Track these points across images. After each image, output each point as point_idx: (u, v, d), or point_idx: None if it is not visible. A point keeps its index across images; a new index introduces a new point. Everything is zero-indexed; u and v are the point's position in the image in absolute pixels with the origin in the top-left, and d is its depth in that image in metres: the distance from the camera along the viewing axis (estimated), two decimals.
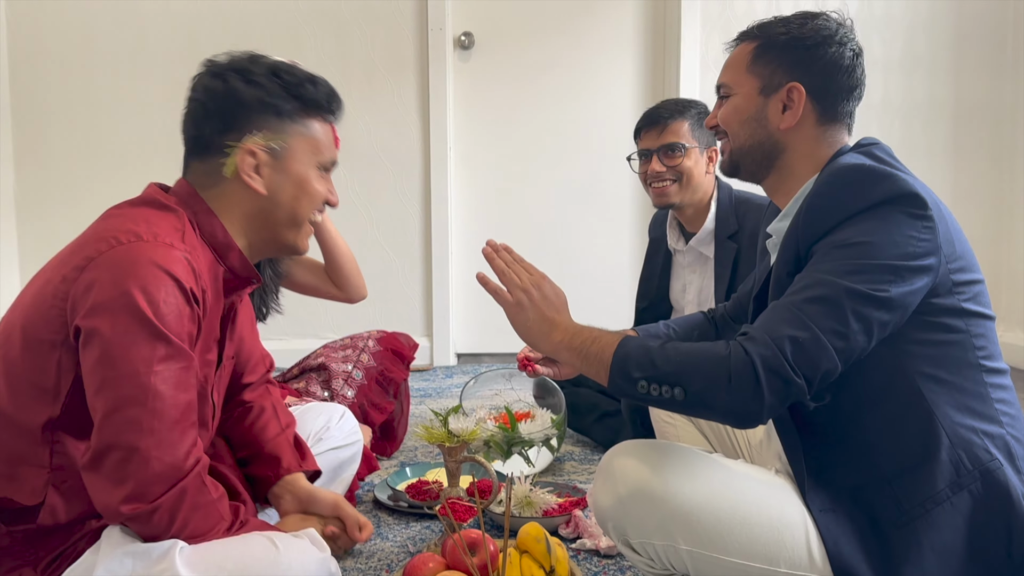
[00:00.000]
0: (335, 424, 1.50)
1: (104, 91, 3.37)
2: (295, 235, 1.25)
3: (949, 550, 1.09)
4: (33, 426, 1.07)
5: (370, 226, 3.49)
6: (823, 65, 1.25)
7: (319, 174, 1.24)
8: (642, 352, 1.13)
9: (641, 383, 1.11)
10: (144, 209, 1.17)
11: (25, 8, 3.31)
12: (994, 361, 1.17)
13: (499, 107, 3.59)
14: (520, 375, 2.33)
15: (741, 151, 1.30)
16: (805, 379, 1.06)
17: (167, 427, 1.04)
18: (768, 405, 1.06)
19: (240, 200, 1.20)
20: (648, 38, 3.58)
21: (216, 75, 1.21)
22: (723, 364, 1.08)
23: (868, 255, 1.09)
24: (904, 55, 3.54)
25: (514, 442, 2.03)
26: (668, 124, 2.15)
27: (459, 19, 3.53)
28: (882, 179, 1.12)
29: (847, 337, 1.07)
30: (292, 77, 1.22)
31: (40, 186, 3.38)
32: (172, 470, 1.04)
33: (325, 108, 1.25)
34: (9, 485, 1.07)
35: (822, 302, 1.08)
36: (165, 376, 1.04)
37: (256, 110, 1.19)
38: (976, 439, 1.12)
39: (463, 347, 3.68)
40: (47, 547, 1.07)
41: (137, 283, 1.04)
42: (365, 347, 2.19)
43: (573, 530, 1.70)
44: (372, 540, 1.70)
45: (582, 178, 3.63)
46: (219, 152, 1.20)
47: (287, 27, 3.39)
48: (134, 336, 1.03)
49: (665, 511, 1.12)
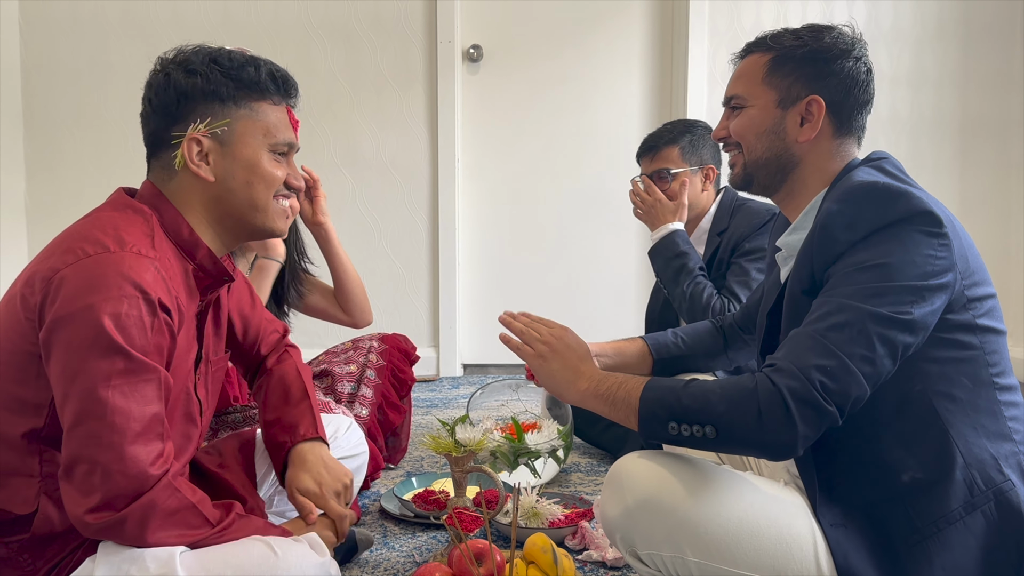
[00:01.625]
0: (342, 434, 1.50)
1: (114, 100, 3.40)
2: (262, 218, 1.24)
3: (960, 570, 1.09)
4: (19, 437, 1.08)
5: (378, 236, 3.50)
6: (842, 79, 1.25)
7: (272, 156, 1.23)
8: (670, 394, 1.14)
9: (671, 424, 1.12)
10: (113, 214, 1.16)
11: (38, 18, 3.34)
12: (1006, 378, 1.17)
13: (507, 119, 3.60)
14: (527, 386, 2.33)
15: (756, 164, 1.29)
16: (837, 407, 1.06)
17: (128, 440, 1.03)
18: (802, 435, 1.06)
19: (195, 191, 1.20)
20: (656, 51, 3.60)
21: (159, 71, 1.23)
22: (752, 398, 1.08)
23: (888, 277, 1.09)
24: (912, 69, 3.55)
25: (520, 453, 2.03)
26: (660, 151, 2.26)
27: (468, 32, 3.55)
28: (897, 197, 1.12)
29: (874, 362, 1.07)
30: (231, 62, 1.21)
31: (50, 193, 3.41)
32: (136, 482, 1.04)
33: (271, 90, 1.23)
34: (1, 495, 1.07)
35: (847, 328, 1.08)
36: (124, 390, 1.04)
37: (198, 99, 1.19)
38: (989, 459, 1.12)
39: (469, 357, 3.69)
40: (45, 556, 1.07)
41: (99, 297, 1.03)
42: (370, 348, 2.21)
43: (579, 542, 1.69)
44: (378, 549, 1.70)
45: (589, 190, 3.64)
46: (169, 146, 1.21)
47: (297, 38, 3.42)
48: (92, 350, 1.03)
49: (673, 522, 1.12)
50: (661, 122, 3.42)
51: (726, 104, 1.34)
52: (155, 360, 1.08)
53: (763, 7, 3.51)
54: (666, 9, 3.58)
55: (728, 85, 1.34)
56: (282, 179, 1.24)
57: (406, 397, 2.24)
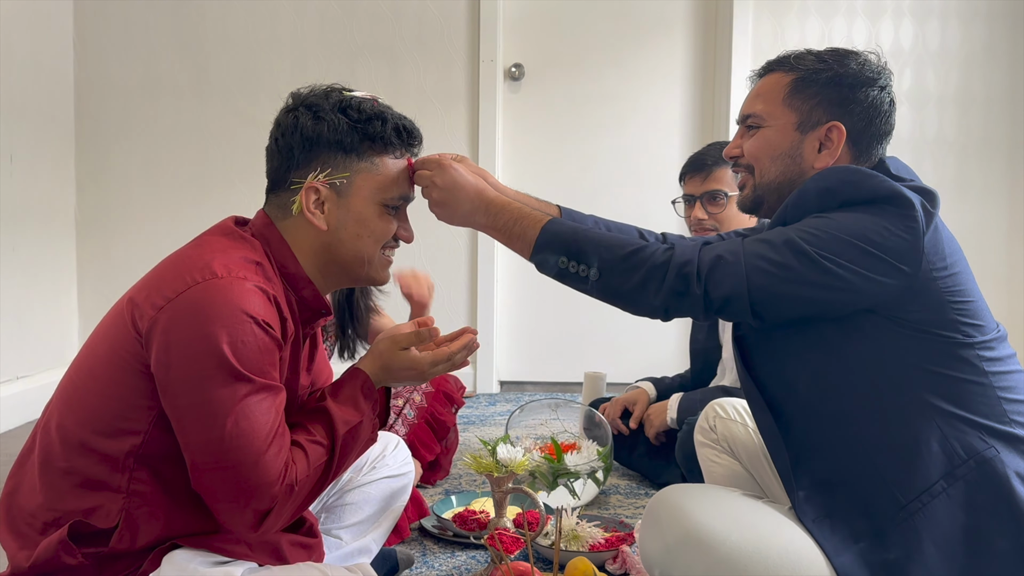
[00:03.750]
0: (390, 452, 1.50)
1: (165, 119, 3.47)
2: (366, 270, 1.25)
3: (949, 542, 1.07)
4: (114, 454, 1.09)
5: (417, 252, 3.52)
6: (865, 107, 1.23)
7: (382, 211, 1.23)
8: (571, 232, 1.21)
9: (562, 259, 1.19)
10: (221, 239, 1.18)
11: (91, 36, 3.43)
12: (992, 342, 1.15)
13: (548, 137, 3.61)
14: (566, 405, 2.33)
15: (768, 187, 1.27)
16: (705, 293, 1.10)
17: (255, 460, 1.06)
18: (662, 305, 1.13)
19: (307, 234, 1.21)
20: (698, 70, 3.59)
21: (289, 110, 1.23)
22: (648, 260, 1.14)
23: (828, 227, 1.12)
24: (959, 90, 3.49)
25: (560, 473, 2.02)
26: (712, 171, 2.16)
27: (510, 51, 3.57)
28: (872, 178, 1.15)
29: (769, 275, 1.09)
30: (360, 113, 1.21)
31: (100, 206, 3.48)
32: (270, 487, 1.07)
33: (394, 144, 1.24)
34: (85, 508, 1.09)
35: (764, 243, 1.13)
36: (246, 412, 1.06)
37: (322, 147, 1.19)
38: (969, 428, 1.11)
39: (506, 375, 3.68)
40: (113, 569, 1.09)
41: (215, 326, 1.05)
42: (418, 387, 2.22)
43: (620, 566, 1.68)
44: (418, 568, 1.70)
45: (629, 210, 3.62)
46: (288, 188, 1.21)
47: (342, 57, 3.46)
48: (216, 379, 1.04)
49: (712, 559, 1.10)
50: (703, 142, 3.42)
51: (741, 122, 1.31)
52: (272, 379, 1.10)
53: (808, 25, 3.48)
54: (709, 28, 3.57)
55: (745, 103, 1.31)
56: (392, 233, 1.25)
57: (445, 438, 2.24)
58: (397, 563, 1.64)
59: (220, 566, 1.10)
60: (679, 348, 3.56)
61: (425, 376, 1.24)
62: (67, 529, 1.07)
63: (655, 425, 2.22)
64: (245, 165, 3.41)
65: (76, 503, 1.09)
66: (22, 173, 3.03)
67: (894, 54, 3.47)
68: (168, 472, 1.11)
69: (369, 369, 1.23)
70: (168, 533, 1.10)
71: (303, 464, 1.11)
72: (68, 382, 1.17)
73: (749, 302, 1.09)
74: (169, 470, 1.11)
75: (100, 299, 3.42)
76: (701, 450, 1.64)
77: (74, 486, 1.10)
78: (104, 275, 3.46)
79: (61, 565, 1.07)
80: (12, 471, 1.18)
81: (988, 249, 3.50)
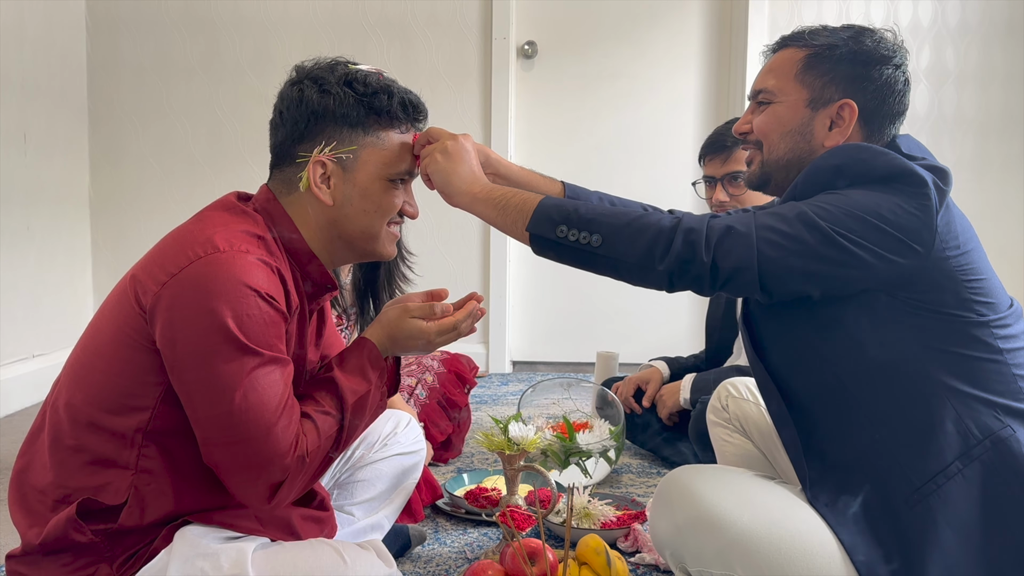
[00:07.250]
0: (402, 430, 1.51)
1: (175, 96, 3.47)
2: (372, 244, 1.24)
3: (965, 524, 1.06)
4: (122, 430, 1.09)
5: (429, 232, 3.52)
6: (879, 85, 1.21)
7: (388, 185, 1.22)
8: (569, 203, 1.16)
9: (561, 228, 1.14)
10: (223, 214, 1.18)
11: (104, 16, 3.42)
12: (1006, 320, 1.14)
13: (561, 116, 3.59)
14: (578, 385, 2.32)
15: (776, 164, 1.25)
16: (713, 263, 1.07)
17: (267, 432, 1.06)
18: (667, 269, 1.08)
19: (312, 209, 1.20)
20: (714, 48, 3.55)
21: (294, 83, 1.21)
22: (654, 227, 1.10)
23: (841, 203, 1.09)
24: (979, 66, 3.44)
25: (571, 452, 2.02)
26: (732, 152, 2.13)
27: (523, 28, 3.54)
28: (884, 155, 1.13)
29: (780, 248, 1.07)
30: (365, 87, 1.19)
31: (113, 186, 3.49)
32: (282, 458, 1.07)
33: (400, 119, 1.23)
34: (95, 485, 1.09)
35: (775, 215, 1.10)
36: (255, 385, 1.06)
37: (328, 120, 1.18)
38: (984, 407, 1.09)
39: (518, 355, 3.69)
40: (124, 545, 1.09)
41: (219, 300, 1.04)
42: (429, 367, 2.23)
43: (632, 544, 1.68)
44: (430, 544, 1.71)
45: (643, 188, 3.59)
46: (294, 163, 1.20)
47: (354, 34, 3.45)
48: (223, 354, 1.04)
49: (724, 540, 1.10)
50: (717, 121, 3.39)
51: (752, 98, 1.30)
52: (279, 352, 1.10)
53: (825, 4, 3.44)
54: (724, 5, 3.52)
55: (757, 78, 1.29)
56: (398, 207, 1.24)
57: (456, 415, 2.25)
58: (409, 539, 1.65)
59: (232, 541, 1.11)
60: (692, 328, 3.56)
61: (432, 345, 1.24)
62: (76, 507, 1.07)
63: (668, 405, 2.22)
64: (257, 143, 3.40)
65: (85, 480, 1.09)
66: (36, 153, 3.04)
67: (913, 31, 3.42)
68: (177, 448, 1.11)
69: (376, 338, 1.22)
70: (177, 509, 1.11)
71: (313, 435, 1.11)
72: (75, 360, 1.17)
73: (758, 274, 1.07)
74: (178, 446, 1.11)
75: (114, 278, 3.44)
76: (713, 430, 1.64)
77: (83, 463, 1.10)
78: (118, 254, 3.48)
79: (71, 542, 1.08)
80: (22, 449, 1.18)
81: (1007, 226, 3.46)
